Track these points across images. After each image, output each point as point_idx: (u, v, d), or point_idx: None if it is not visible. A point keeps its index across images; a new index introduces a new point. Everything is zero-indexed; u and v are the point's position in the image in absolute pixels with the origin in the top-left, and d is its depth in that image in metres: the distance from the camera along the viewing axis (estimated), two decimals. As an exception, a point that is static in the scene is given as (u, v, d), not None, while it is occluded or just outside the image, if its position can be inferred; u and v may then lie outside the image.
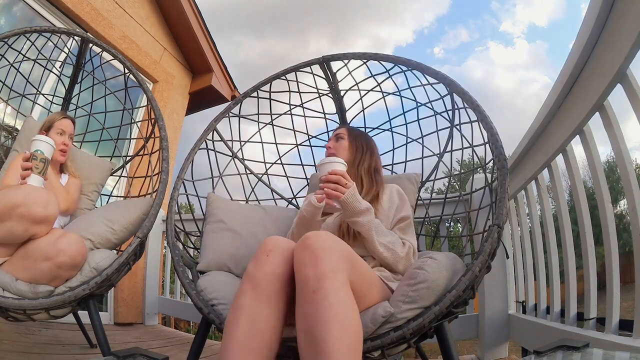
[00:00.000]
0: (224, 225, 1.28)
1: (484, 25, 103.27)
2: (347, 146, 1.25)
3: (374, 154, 1.27)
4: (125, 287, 2.56)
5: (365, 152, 1.24)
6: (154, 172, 1.62)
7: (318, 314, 0.64)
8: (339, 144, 1.26)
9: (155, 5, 3.31)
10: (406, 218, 1.11)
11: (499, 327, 1.60)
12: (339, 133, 1.29)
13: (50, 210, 1.09)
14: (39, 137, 1.25)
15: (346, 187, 0.98)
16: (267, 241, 0.80)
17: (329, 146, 1.27)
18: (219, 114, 1.52)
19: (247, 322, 0.69)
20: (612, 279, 0.98)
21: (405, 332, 0.78)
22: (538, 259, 1.48)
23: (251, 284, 0.73)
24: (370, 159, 1.23)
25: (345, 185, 0.98)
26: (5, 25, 2.32)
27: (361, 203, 1.00)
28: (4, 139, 1.86)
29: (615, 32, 0.92)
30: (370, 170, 1.21)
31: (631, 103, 0.90)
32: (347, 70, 1.54)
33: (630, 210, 0.89)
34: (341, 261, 0.71)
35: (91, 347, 1.62)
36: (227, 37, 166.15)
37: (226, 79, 3.90)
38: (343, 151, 1.24)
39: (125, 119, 1.93)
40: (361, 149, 1.24)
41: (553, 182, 1.32)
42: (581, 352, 0.74)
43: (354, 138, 1.27)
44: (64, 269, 1.09)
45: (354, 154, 1.23)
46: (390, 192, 1.17)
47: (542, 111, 1.29)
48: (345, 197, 0.97)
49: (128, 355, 0.80)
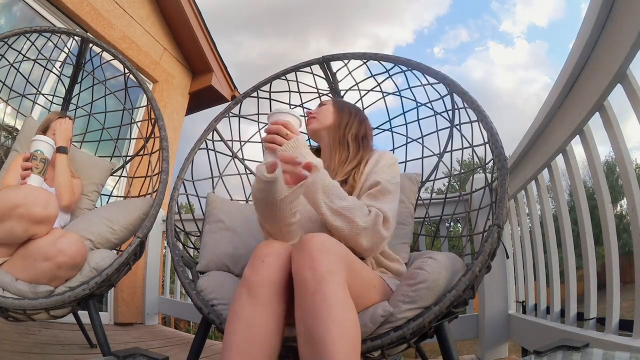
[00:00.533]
0: (223, 225, 1.28)
1: (483, 25, 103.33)
2: (332, 110, 1.13)
3: (363, 121, 1.15)
4: (125, 287, 2.56)
5: (353, 116, 1.12)
6: (154, 172, 1.62)
7: (317, 315, 0.64)
8: (322, 108, 1.15)
9: (155, 5, 3.31)
10: (377, 183, 0.93)
11: (499, 327, 1.60)
12: (323, 101, 1.19)
13: (50, 210, 1.09)
14: (39, 137, 1.25)
15: (286, 138, 0.83)
16: (262, 246, 0.78)
17: (310, 112, 1.16)
18: (219, 114, 1.52)
19: (244, 327, 0.69)
20: (612, 279, 0.98)
21: (405, 332, 0.78)
22: (538, 259, 1.48)
23: (248, 290, 0.72)
24: (359, 125, 1.11)
25: (286, 136, 0.83)
26: (5, 25, 2.32)
27: (305, 157, 0.83)
28: (4, 139, 1.86)
29: (615, 32, 0.92)
30: (359, 137, 1.09)
31: (631, 103, 0.90)
32: (347, 70, 1.54)
33: (630, 210, 0.89)
34: (338, 263, 0.71)
35: (91, 347, 1.62)
36: (227, 37, 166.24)
37: (226, 79, 3.90)
38: (326, 115, 1.12)
39: (125, 119, 1.93)
40: (348, 113, 1.13)
41: (553, 182, 1.32)
42: (581, 352, 0.74)
43: (340, 104, 1.17)
44: (64, 269, 1.09)
45: (339, 117, 1.11)
46: (375, 159, 1.02)
47: (542, 111, 1.29)
48: (283, 148, 0.81)
49: (128, 355, 0.80)
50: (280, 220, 0.81)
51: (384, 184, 0.93)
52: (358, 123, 1.11)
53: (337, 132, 1.09)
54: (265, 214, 0.81)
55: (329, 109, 1.13)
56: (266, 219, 0.83)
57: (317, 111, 1.15)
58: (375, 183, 0.94)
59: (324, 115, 1.13)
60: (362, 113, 1.19)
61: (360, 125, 1.12)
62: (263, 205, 0.79)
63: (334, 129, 1.09)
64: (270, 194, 0.75)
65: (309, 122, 1.15)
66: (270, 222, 0.83)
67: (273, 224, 0.84)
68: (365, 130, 1.13)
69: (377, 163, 1.00)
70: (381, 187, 0.93)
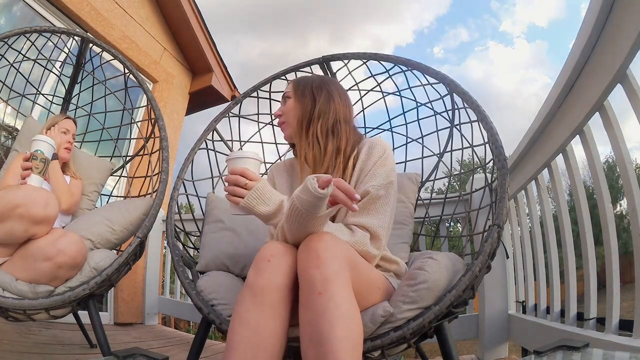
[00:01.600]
0: (222, 225, 1.28)
1: (483, 25, 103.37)
2: (293, 106, 1.00)
3: (331, 102, 0.97)
4: (125, 287, 2.56)
5: (318, 102, 0.96)
6: (154, 172, 1.62)
7: (323, 315, 0.64)
8: (286, 107, 1.02)
9: (155, 5, 3.31)
10: (366, 193, 0.86)
11: (499, 327, 1.60)
12: (285, 93, 1.04)
13: (50, 210, 1.09)
14: (39, 137, 1.25)
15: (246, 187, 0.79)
16: (267, 247, 0.77)
17: (277, 114, 1.04)
18: (219, 114, 1.52)
19: (249, 331, 0.69)
20: (612, 279, 0.98)
21: (405, 332, 0.78)
22: (538, 259, 1.48)
23: (252, 293, 0.72)
24: (326, 112, 0.95)
25: (245, 186, 0.79)
26: (5, 25, 2.32)
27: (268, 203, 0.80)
28: (4, 139, 1.85)
29: (615, 32, 0.92)
30: (328, 127, 0.94)
31: (631, 103, 0.90)
32: (347, 70, 1.53)
33: (630, 210, 0.90)
34: (344, 263, 0.71)
35: (91, 347, 1.62)
36: (227, 36, 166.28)
37: (226, 79, 3.90)
38: (290, 115, 1.00)
39: (125, 119, 1.93)
40: (310, 100, 0.97)
41: (553, 182, 1.32)
42: (581, 352, 0.74)
43: (299, 90, 1.00)
44: (64, 269, 1.09)
45: (301, 108, 0.97)
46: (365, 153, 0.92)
47: (542, 111, 1.29)
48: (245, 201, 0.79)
49: (128, 355, 0.80)
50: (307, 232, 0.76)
51: (373, 193, 0.86)
52: (325, 108, 0.96)
53: (301, 133, 0.97)
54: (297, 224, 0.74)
55: (290, 104, 1.01)
56: (294, 229, 0.76)
57: (283, 111, 1.02)
58: (364, 193, 0.86)
59: (288, 115, 1.00)
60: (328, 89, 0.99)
61: (327, 111, 0.95)
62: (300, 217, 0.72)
63: (299, 123, 0.97)
64: (315, 208, 0.70)
65: (281, 129, 1.04)
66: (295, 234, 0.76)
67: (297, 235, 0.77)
68: (336, 116, 0.96)
69: (368, 158, 0.91)
70: (370, 197, 0.86)
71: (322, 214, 0.72)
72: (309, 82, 1.02)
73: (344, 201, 0.70)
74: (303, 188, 0.70)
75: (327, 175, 0.69)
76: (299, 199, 0.71)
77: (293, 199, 0.72)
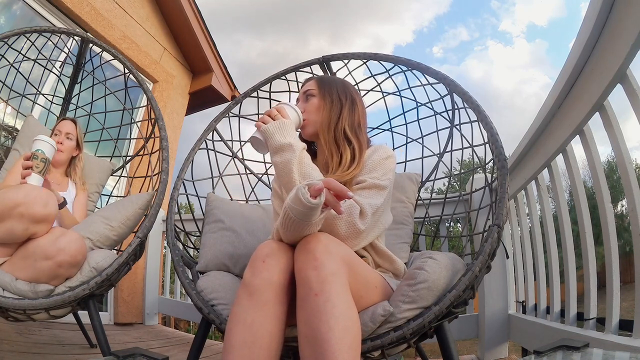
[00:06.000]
0: (222, 225, 1.28)
1: (483, 24, 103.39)
2: (317, 105, 1.01)
3: (356, 105, 1.02)
4: (125, 287, 2.56)
5: (344, 107, 1.00)
6: (154, 172, 1.63)
7: (320, 315, 0.64)
8: (309, 104, 1.02)
9: (155, 5, 3.31)
10: (362, 181, 0.90)
11: (499, 327, 1.60)
12: (307, 90, 1.05)
13: (50, 209, 1.09)
14: (40, 137, 1.25)
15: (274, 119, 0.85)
16: (263, 247, 0.77)
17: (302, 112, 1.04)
18: (219, 114, 1.52)
19: (246, 331, 0.69)
20: (612, 279, 0.98)
21: (405, 332, 0.78)
22: (538, 259, 1.48)
23: (249, 292, 0.72)
24: (351, 113, 1.00)
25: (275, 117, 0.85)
26: (5, 25, 2.32)
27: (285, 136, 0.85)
28: (4, 139, 1.86)
29: (615, 32, 0.92)
30: (354, 128, 0.99)
31: (631, 103, 0.90)
32: (347, 70, 1.53)
33: (630, 210, 0.89)
34: (341, 264, 0.71)
35: (91, 347, 1.62)
36: (227, 36, 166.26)
37: (226, 79, 3.90)
38: (314, 114, 1.01)
39: (125, 119, 1.93)
40: (337, 101, 1.00)
41: (553, 182, 1.32)
42: (581, 352, 0.74)
43: (324, 90, 1.02)
44: (65, 268, 1.09)
45: (329, 109, 0.99)
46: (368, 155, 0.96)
47: (542, 111, 1.29)
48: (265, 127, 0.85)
49: (128, 355, 0.80)
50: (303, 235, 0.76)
51: (369, 181, 0.90)
52: (350, 113, 1.00)
53: (329, 129, 0.98)
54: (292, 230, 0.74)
55: (314, 103, 1.02)
56: (289, 235, 0.76)
57: (305, 108, 1.02)
58: (361, 181, 0.91)
59: (312, 113, 1.01)
60: (350, 91, 1.05)
61: (352, 116, 1.00)
62: (294, 223, 0.73)
63: (326, 126, 0.99)
64: (308, 216, 0.70)
65: (303, 127, 1.03)
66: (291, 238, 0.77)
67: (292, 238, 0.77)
68: (359, 119, 1.01)
69: (371, 157, 0.95)
70: (366, 184, 0.89)
71: (316, 220, 0.72)
72: (333, 83, 1.05)
73: (333, 205, 0.71)
74: (295, 198, 0.70)
75: (318, 182, 0.69)
76: (292, 209, 0.71)
77: (286, 209, 0.72)
